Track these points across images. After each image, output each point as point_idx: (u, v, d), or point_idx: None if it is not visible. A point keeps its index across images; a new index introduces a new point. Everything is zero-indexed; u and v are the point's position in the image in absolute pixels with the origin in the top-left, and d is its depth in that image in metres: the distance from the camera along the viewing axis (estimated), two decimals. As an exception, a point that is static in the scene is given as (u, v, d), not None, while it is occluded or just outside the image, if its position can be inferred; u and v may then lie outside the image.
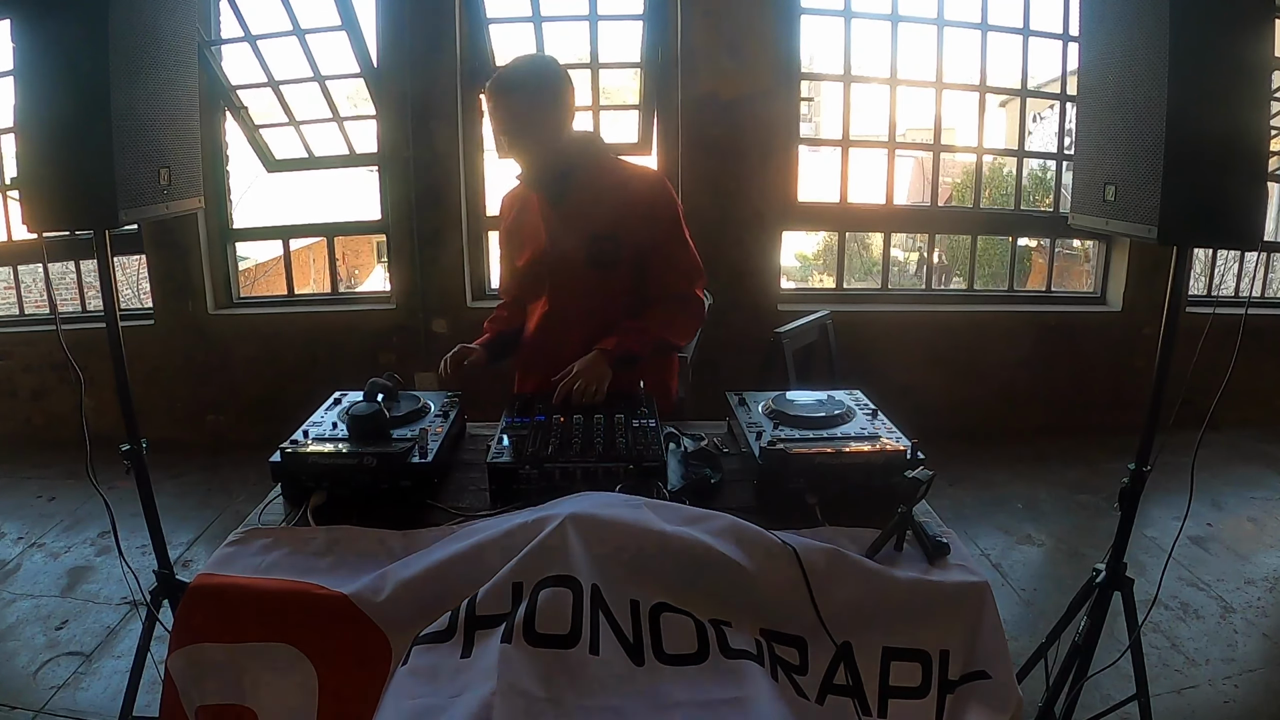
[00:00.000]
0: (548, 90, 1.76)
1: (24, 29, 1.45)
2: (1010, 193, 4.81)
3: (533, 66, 1.80)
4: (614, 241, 1.84)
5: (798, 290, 5.81)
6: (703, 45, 3.66)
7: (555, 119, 1.77)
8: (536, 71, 1.77)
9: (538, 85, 1.75)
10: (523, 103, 1.73)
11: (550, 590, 1.10)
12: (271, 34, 3.66)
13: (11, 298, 4.30)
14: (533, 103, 1.74)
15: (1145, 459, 1.62)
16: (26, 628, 2.52)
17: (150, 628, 1.74)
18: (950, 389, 4.02)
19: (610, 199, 1.86)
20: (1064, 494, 3.47)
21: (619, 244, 1.85)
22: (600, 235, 1.84)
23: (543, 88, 1.75)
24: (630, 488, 1.37)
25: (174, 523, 3.01)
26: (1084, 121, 1.63)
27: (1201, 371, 1.57)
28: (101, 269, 1.65)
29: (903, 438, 1.49)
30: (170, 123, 1.64)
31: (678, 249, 1.91)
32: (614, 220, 1.84)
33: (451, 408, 1.69)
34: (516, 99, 1.73)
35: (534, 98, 1.74)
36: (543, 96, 1.75)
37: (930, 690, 1.17)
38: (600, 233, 1.84)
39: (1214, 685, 2.26)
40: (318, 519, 1.38)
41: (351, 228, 4.49)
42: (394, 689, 1.09)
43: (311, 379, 2.21)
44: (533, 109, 1.74)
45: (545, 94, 1.75)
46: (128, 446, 1.70)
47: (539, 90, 1.75)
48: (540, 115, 1.75)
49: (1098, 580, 1.70)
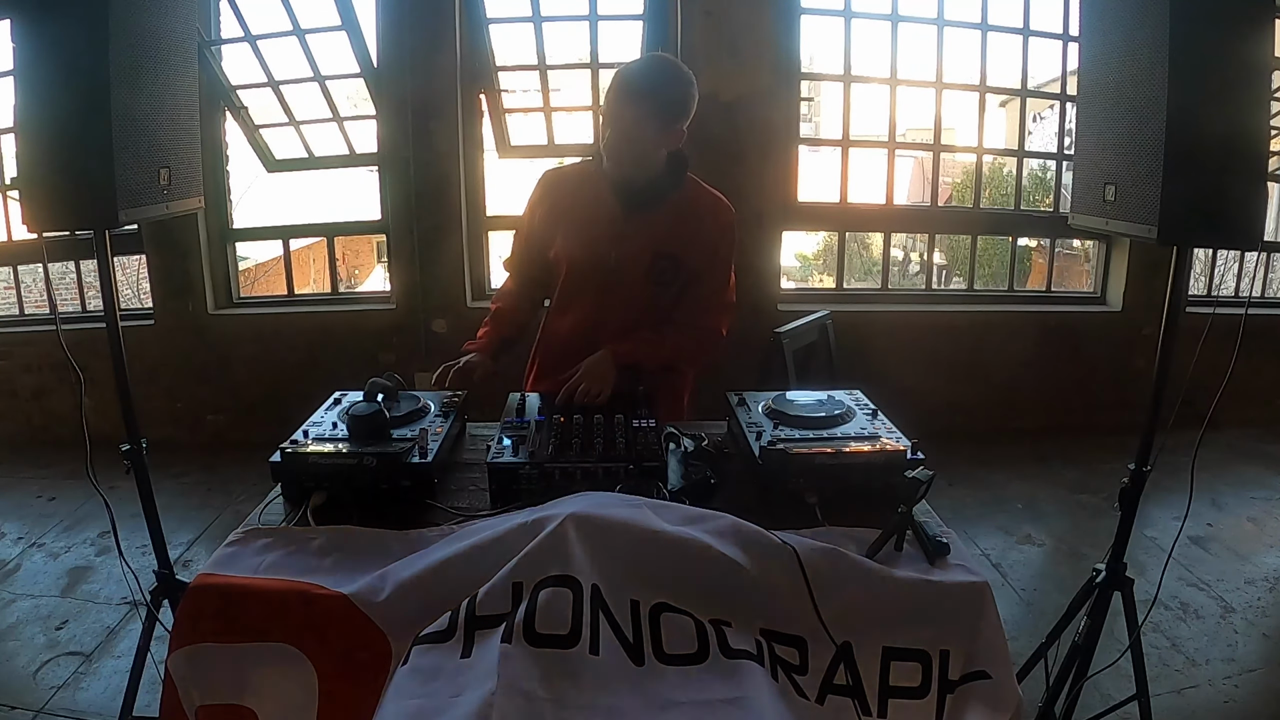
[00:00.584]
0: (682, 105, 1.71)
1: (24, 29, 1.45)
2: (1010, 193, 4.81)
3: (672, 77, 1.71)
4: (675, 261, 1.82)
5: (798, 290, 5.81)
6: (703, 45, 3.66)
7: (675, 132, 1.73)
8: (675, 87, 1.70)
9: (674, 99, 1.69)
10: (656, 115, 1.68)
11: (550, 590, 1.10)
12: (271, 34, 3.65)
13: (11, 298, 4.30)
14: (664, 116, 1.68)
15: (1145, 459, 1.62)
16: (26, 628, 2.52)
17: (150, 628, 1.74)
18: (950, 389, 4.02)
19: (682, 219, 1.81)
20: (1064, 494, 3.47)
21: (679, 265, 1.82)
22: (664, 253, 1.81)
23: (677, 102, 1.70)
24: (630, 488, 1.36)
25: (174, 523, 3.01)
26: (1084, 121, 1.63)
27: (1201, 371, 1.57)
28: (101, 269, 1.65)
29: (903, 438, 1.49)
30: (170, 123, 1.64)
31: (722, 284, 1.90)
32: (680, 240, 1.81)
33: (451, 408, 1.69)
34: (651, 109, 1.67)
35: (667, 111, 1.68)
36: (674, 110, 1.70)
37: (930, 690, 1.17)
38: (665, 251, 1.80)
39: (1214, 685, 2.26)
40: (318, 519, 1.37)
41: (351, 228, 4.49)
42: (394, 689, 1.09)
43: (311, 379, 2.21)
44: (662, 123, 1.69)
45: (678, 108, 1.70)
46: (128, 446, 1.70)
47: (674, 103, 1.69)
48: (665, 128, 1.70)
49: (1098, 580, 1.70)
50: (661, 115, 1.69)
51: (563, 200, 1.87)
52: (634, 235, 1.81)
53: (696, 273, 1.85)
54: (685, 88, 1.71)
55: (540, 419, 1.61)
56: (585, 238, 1.83)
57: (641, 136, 1.70)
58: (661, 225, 1.81)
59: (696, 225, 1.82)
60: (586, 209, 1.83)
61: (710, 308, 1.90)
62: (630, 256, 1.82)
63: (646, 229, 1.80)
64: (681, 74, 1.72)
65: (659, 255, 1.81)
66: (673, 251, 1.81)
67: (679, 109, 1.71)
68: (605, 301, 1.86)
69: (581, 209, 1.84)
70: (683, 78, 1.71)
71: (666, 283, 1.83)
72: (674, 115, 1.70)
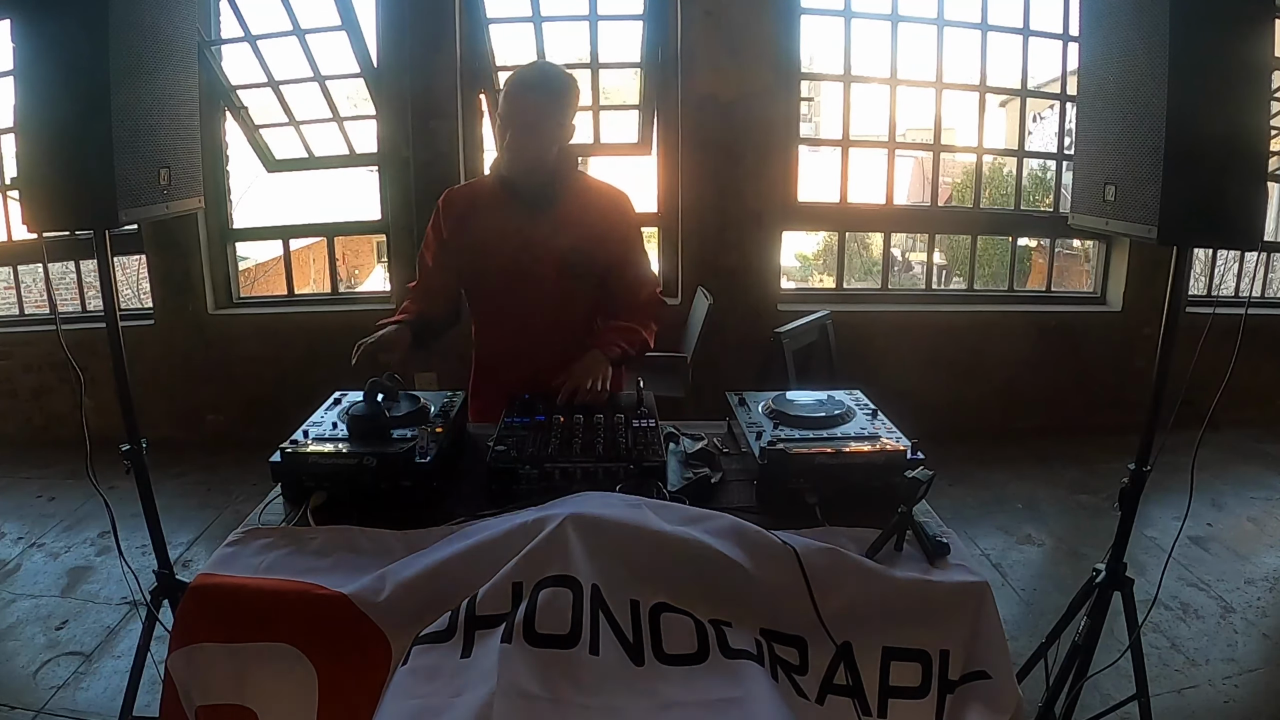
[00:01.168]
0: (570, 94, 1.82)
1: (24, 29, 1.45)
2: (1010, 193, 4.81)
3: (556, 71, 1.83)
4: (585, 255, 1.88)
5: (798, 290, 5.80)
6: (703, 45, 3.66)
7: (568, 125, 1.83)
8: (560, 76, 1.82)
9: (561, 88, 1.80)
10: (549, 102, 1.77)
11: (550, 590, 1.10)
12: (271, 34, 3.66)
13: (11, 298, 4.30)
14: (557, 103, 1.78)
15: (1145, 459, 1.62)
16: (26, 628, 2.52)
17: (150, 628, 1.74)
18: (950, 389, 4.02)
19: (583, 211, 1.89)
20: (1064, 494, 3.47)
21: (590, 258, 1.89)
22: (572, 248, 1.87)
23: (566, 91, 1.80)
24: (630, 488, 1.37)
25: (174, 523, 3.01)
26: (1084, 121, 1.63)
27: (1201, 371, 1.57)
28: (101, 269, 1.65)
29: (903, 438, 1.49)
30: (170, 123, 1.64)
31: (644, 260, 2.00)
32: (586, 233, 1.88)
33: (451, 408, 1.69)
34: (543, 97, 1.77)
35: (559, 99, 1.79)
36: (566, 99, 1.80)
37: (930, 690, 1.17)
38: (573, 245, 1.87)
39: (1214, 685, 2.26)
40: (318, 519, 1.37)
41: (351, 228, 4.49)
42: (394, 689, 1.09)
43: (311, 379, 2.21)
44: (555, 110, 1.78)
45: (568, 97, 1.81)
46: (128, 446, 1.69)
47: (564, 92, 1.80)
48: (559, 118, 1.80)
49: (1098, 580, 1.70)
50: (554, 102, 1.79)
51: (466, 216, 1.92)
52: (540, 235, 1.87)
53: (615, 260, 1.93)
54: (569, 80, 1.82)
55: (540, 419, 1.61)
56: (495, 246, 1.89)
57: (540, 126, 1.78)
58: (564, 221, 1.87)
59: (598, 216, 1.90)
60: (491, 219, 1.89)
61: (643, 282, 1.98)
62: (541, 256, 1.87)
63: (550, 227, 1.87)
64: (564, 71, 1.85)
65: (568, 250, 1.87)
66: (580, 245, 1.88)
67: (568, 98, 1.82)
68: (528, 306, 1.91)
69: (486, 220, 1.90)
70: (565, 73, 1.83)
71: (581, 275, 1.90)
72: (565, 104, 1.81)
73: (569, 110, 1.81)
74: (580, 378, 1.72)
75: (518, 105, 1.76)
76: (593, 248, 1.88)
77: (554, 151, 1.83)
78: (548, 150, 1.81)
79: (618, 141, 4.00)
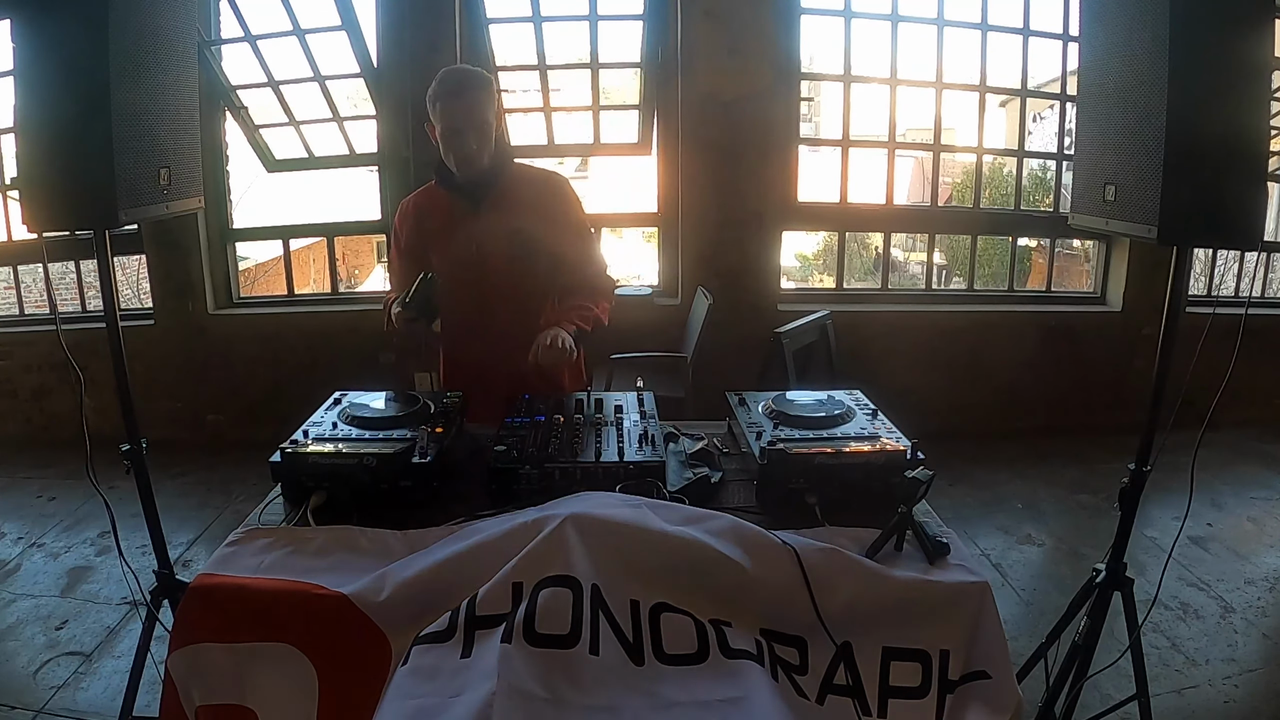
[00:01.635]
0: (491, 90, 1.90)
1: (24, 29, 1.45)
2: (1010, 193, 4.80)
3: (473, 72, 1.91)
4: (529, 237, 1.96)
5: (798, 290, 5.81)
6: (703, 45, 3.66)
7: (495, 120, 1.91)
8: (478, 75, 1.90)
9: (487, 84, 1.89)
10: (484, 99, 1.86)
11: (550, 590, 1.10)
12: (271, 34, 3.66)
13: (11, 298, 4.30)
14: (480, 103, 1.86)
15: (1145, 459, 1.61)
16: (26, 628, 2.53)
17: (150, 628, 1.74)
18: (950, 389, 4.02)
19: (523, 197, 1.97)
20: (1064, 494, 3.47)
21: (536, 241, 1.96)
22: (517, 231, 1.95)
23: (487, 88, 1.89)
24: (630, 488, 1.37)
25: (174, 523, 3.01)
26: (1084, 121, 1.63)
27: (1201, 371, 1.57)
28: (101, 269, 1.65)
29: (903, 438, 1.49)
30: (170, 123, 1.64)
31: (587, 237, 2.07)
32: (530, 217, 1.95)
33: (451, 408, 1.69)
34: (478, 96, 1.85)
35: (481, 97, 1.87)
36: (489, 96, 1.88)
37: (930, 690, 1.17)
38: (518, 228, 1.95)
39: (1214, 685, 2.26)
40: (318, 519, 1.37)
41: (351, 228, 4.49)
42: (394, 689, 1.09)
43: (311, 379, 2.21)
44: (481, 108, 1.86)
45: (489, 93, 1.89)
46: (128, 446, 1.69)
47: (484, 89, 1.88)
48: (486, 115, 1.87)
49: (1098, 580, 1.70)
50: (484, 94, 1.87)
51: (421, 220, 2.04)
52: (487, 224, 1.95)
53: (560, 241, 2.00)
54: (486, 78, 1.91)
55: (540, 419, 1.61)
56: (447, 241, 1.98)
57: (481, 119, 1.86)
58: (507, 207, 1.96)
59: (536, 199, 1.98)
60: (441, 217, 2.00)
61: (590, 259, 2.07)
62: (490, 248, 1.96)
63: (495, 215, 1.95)
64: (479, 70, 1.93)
65: (514, 234, 1.95)
66: (524, 228, 1.96)
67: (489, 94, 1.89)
68: (485, 293, 1.99)
69: (437, 219, 2.01)
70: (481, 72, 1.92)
71: (529, 257, 1.97)
72: (489, 101, 1.89)
73: (492, 105, 1.90)
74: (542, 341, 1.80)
75: (454, 106, 1.84)
76: (537, 232, 1.96)
77: (490, 148, 1.90)
78: (489, 139, 1.89)
79: (618, 141, 4.00)
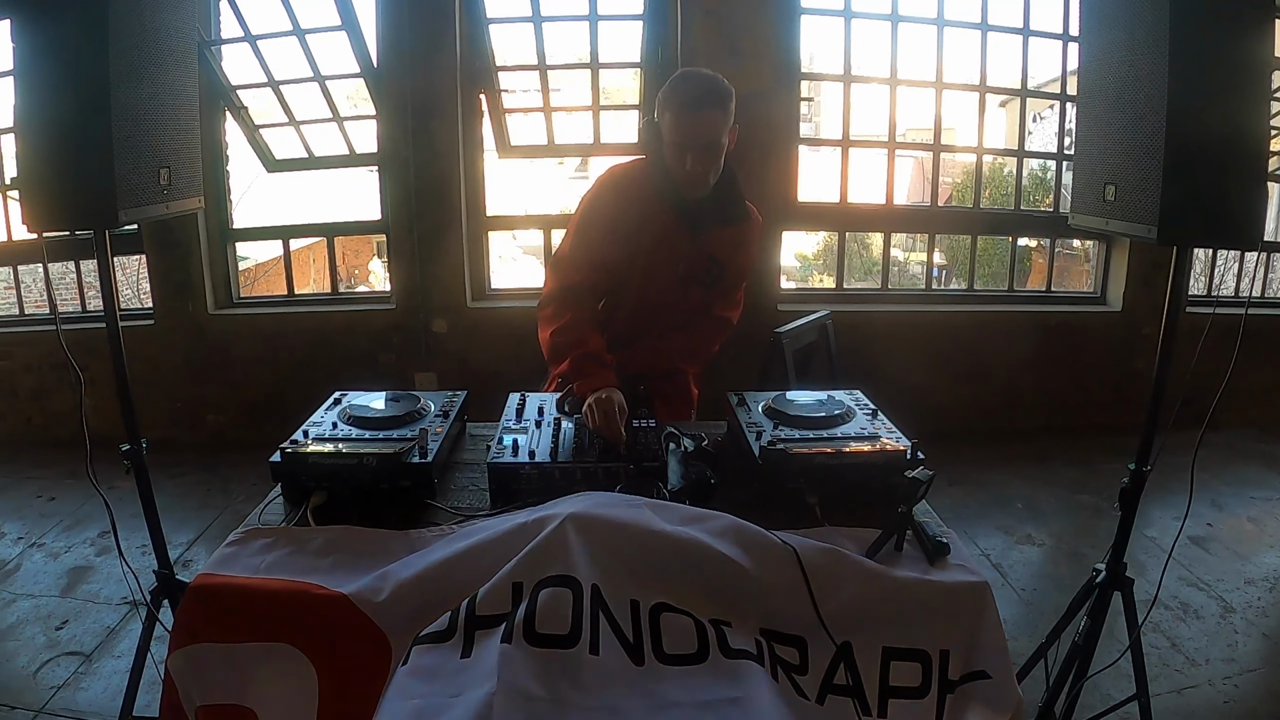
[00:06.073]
0: (731, 106, 1.74)
1: (24, 29, 1.45)
2: (1010, 193, 4.81)
3: (717, 80, 1.74)
4: (720, 266, 1.92)
5: (798, 290, 5.81)
6: (703, 45, 3.66)
7: (734, 130, 1.78)
8: (723, 86, 1.73)
9: (728, 99, 1.73)
10: (720, 120, 1.71)
11: (550, 590, 1.10)
12: (271, 34, 3.65)
13: (11, 298, 4.30)
14: (724, 120, 1.72)
15: (1145, 459, 1.62)
16: (26, 628, 2.52)
17: (150, 628, 1.74)
18: (950, 389, 4.02)
19: (730, 234, 1.92)
20: (1064, 494, 3.47)
21: (724, 269, 1.93)
22: (713, 258, 1.90)
23: (729, 103, 1.73)
24: (630, 488, 1.37)
25: (174, 523, 3.00)
26: (1084, 121, 1.63)
27: (1201, 371, 1.57)
28: (101, 269, 1.65)
29: (903, 438, 1.49)
30: (170, 123, 1.64)
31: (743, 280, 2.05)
32: (726, 247, 1.91)
33: (451, 408, 1.69)
34: (715, 117, 1.70)
35: (725, 115, 1.72)
36: (729, 113, 1.74)
37: (930, 690, 1.17)
38: (714, 256, 1.90)
39: (1214, 685, 2.26)
40: (318, 519, 1.38)
41: (351, 228, 4.48)
42: (394, 689, 1.09)
43: (311, 379, 2.21)
44: (723, 127, 1.73)
45: (730, 110, 1.74)
46: (128, 446, 1.70)
47: (728, 106, 1.73)
48: (726, 132, 1.74)
49: (1098, 580, 1.70)
50: (723, 113, 1.71)
51: (628, 211, 1.85)
52: (698, 249, 1.90)
53: (738, 281, 2.01)
54: (728, 86, 1.75)
55: (540, 419, 1.61)
56: (655, 257, 1.89)
57: (714, 138, 1.71)
58: (717, 236, 1.91)
59: (738, 236, 1.95)
60: (657, 231, 1.86)
61: (731, 301, 2.03)
62: (692, 270, 1.92)
63: (706, 241, 1.91)
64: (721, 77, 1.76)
65: (711, 263, 1.92)
66: (719, 256, 1.93)
67: (730, 106, 1.74)
68: (659, 307, 1.95)
69: (652, 233, 1.86)
70: (724, 80, 1.75)
71: (710, 284, 1.95)
72: (729, 113, 1.73)
73: (728, 123, 1.74)
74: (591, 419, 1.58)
75: (677, 126, 1.69)
76: (730, 268, 1.94)
77: (719, 170, 1.79)
78: (714, 170, 1.76)
79: (618, 141, 4.00)
